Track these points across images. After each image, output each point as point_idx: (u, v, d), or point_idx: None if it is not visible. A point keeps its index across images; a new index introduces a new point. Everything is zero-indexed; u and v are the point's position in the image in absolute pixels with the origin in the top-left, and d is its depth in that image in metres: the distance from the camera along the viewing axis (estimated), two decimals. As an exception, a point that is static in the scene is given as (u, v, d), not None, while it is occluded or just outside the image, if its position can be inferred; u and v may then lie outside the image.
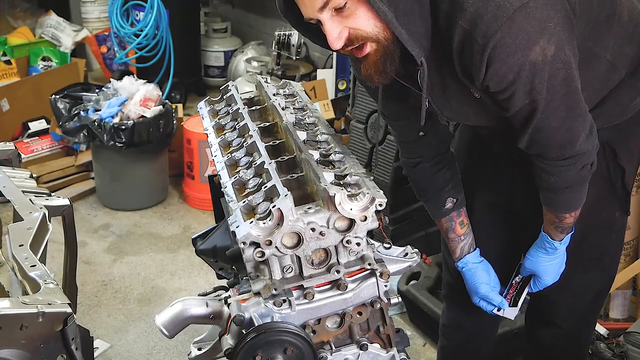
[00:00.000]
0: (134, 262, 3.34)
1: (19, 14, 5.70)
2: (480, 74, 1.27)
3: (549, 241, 1.59)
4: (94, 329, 2.78)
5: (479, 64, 1.26)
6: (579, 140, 1.39)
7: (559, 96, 1.32)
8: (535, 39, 1.23)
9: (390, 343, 1.40)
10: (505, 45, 1.22)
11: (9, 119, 4.23)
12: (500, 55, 1.23)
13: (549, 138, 1.39)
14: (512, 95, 1.31)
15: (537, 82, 1.28)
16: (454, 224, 1.71)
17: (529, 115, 1.35)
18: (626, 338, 2.39)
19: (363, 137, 3.19)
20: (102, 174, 3.83)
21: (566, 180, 1.46)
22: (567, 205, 1.52)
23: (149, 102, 3.63)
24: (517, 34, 1.22)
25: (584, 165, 1.44)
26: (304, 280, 1.30)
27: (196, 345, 1.47)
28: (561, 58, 1.27)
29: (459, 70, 1.33)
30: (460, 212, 1.72)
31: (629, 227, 2.60)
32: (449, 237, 1.74)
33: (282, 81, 1.80)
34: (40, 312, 1.12)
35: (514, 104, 1.33)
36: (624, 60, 1.50)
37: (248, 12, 5.89)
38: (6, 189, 1.63)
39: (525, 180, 1.62)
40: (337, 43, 1.25)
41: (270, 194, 1.30)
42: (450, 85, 1.41)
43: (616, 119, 1.55)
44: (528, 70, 1.26)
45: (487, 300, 1.72)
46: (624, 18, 1.46)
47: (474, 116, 1.51)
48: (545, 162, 1.44)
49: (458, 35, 1.25)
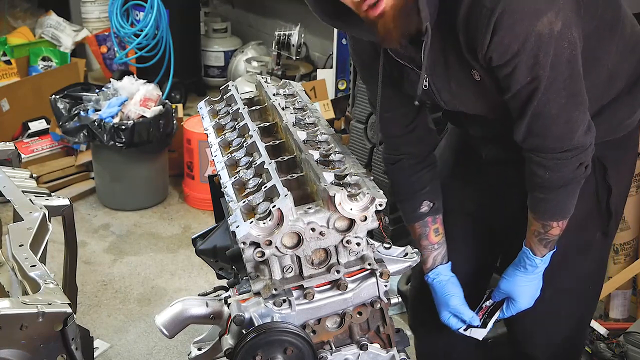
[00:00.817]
0: (134, 262, 3.34)
1: (19, 14, 5.70)
2: (485, 41, 1.26)
3: (530, 257, 1.54)
4: (94, 329, 2.78)
5: (484, 29, 1.24)
6: (577, 132, 1.37)
7: (562, 78, 1.30)
8: (544, 10, 1.22)
9: (390, 343, 1.40)
10: (513, 12, 1.22)
11: (9, 119, 4.23)
12: (507, 21, 1.22)
13: (548, 127, 1.36)
14: (515, 69, 1.29)
15: (541, 56, 1.26)
16: (428, 230, 1.66)
17: (529, 95, 1.32)
18: (626, 338, 2.39)
19: (363, 137, 3.20)
20: (102, 174, 3.83)
21: (561, 177, 1.42)
22: (557, 211, 1.47)
23: (149, 102, 3.63)
24: (525, 1, 1.22)
25: (580, 163, 1.41)
26: (304, 280, 1.30)
27: (196, 345, 1.47)
28: (567, 36, 1.26)
29: (464, 42, 1.31)
30: (436, 218, 1.67)
31: (629, 227, 2.61)
32: (421, 245, 1.67)
33: (282, 81, 1.80)
34: (40, 312, 1.12)
35: (516, 80, 1.31)
36: (623, 73, 1.49)
37: (248, 12, 5.89)
38: (6, 189, 1.63)
39: (509, 193, 1.59)
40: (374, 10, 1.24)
41: (270, 194, 1.30)
42: (452, 66, 1.39)
43: (609, 135, 1.52)
44: (533, 42, 1.24)
45: (458, 314, 1.65)
46: (626, 29, 1.46)
47: (473, 101, 1.47)
48: (542, 155, 1.40)
49: (466, 3, 1.25)
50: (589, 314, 1.81)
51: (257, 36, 5.70)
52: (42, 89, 4.29)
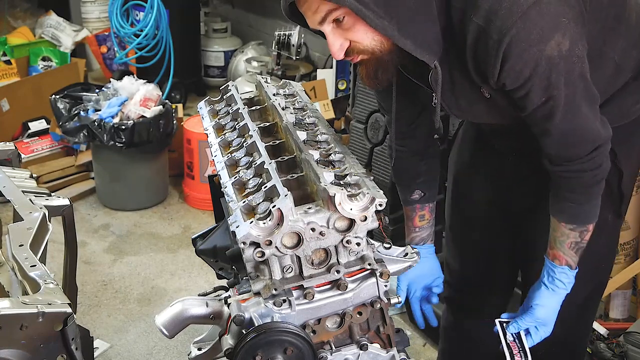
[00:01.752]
0: (134, 262, 3.34)
1: (19, 14, 5.70)
2: (496, 71, 1.27)
3: (568, 273, 1.52)
4: (94, 329, 2.78)
5: (494, 60, 1.26)
6: (598, 128, 1.38)
7: (579, 90, 1.32)
8: (550, 34, 1.23)
9: (390, 343, 1.40)
10: (521, 41, 1.23)
11: (9, 119, 4.23)
12: (516, 50, 1.23)
13: (580, 136, 1.37)
14: (529, 92, 1.30)
15: (553, 77, 1.27)
16: (415, 215, 1.76)
17: (548, 114, 1.34)
18: (626, 338, 2.39)
19: (363, 137, 3.19)
20: (102, 174, 3.83)
21: (602, 171, 1.43)
22: (594, 211, 1.48)
23: (149, 102, 3.63)
24: (531, 29, 1.22)
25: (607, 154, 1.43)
26: (304, 280, 1.30)
27: (196, 345, 1.47)
28: (576, 53, 1.27)
29: (472, 68, 1.32)
30: (425, 207, 1.76)
31: (629, 227, 2.60)
32: (406, 224, 1.79)
33: (282, 81, 1.79)
34: (40, 312, 1.12)
35: (531, 102, 1.32)
36: (630, 63, 1.50)
37: (248, 12, 5.89)
38: (6, 189, 1.62)
39: (524, 182, 1.62)
40: (338, 54, 1.32)
41: (270, 194, 1.30)
42: (459, 85, 1.41)
43: (618, 121, 1.54)
44: (544, 65, 1.25)
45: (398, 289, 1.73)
46: (632, 21, 1.47)
47: (486, 115, 1.51)
48: (581, 161, 1.41)
49: (472, 32, 1.26)
50: (600, 291, 1.82)
51: (257, 36, 5.70)
52: (42, 89, 4.29)
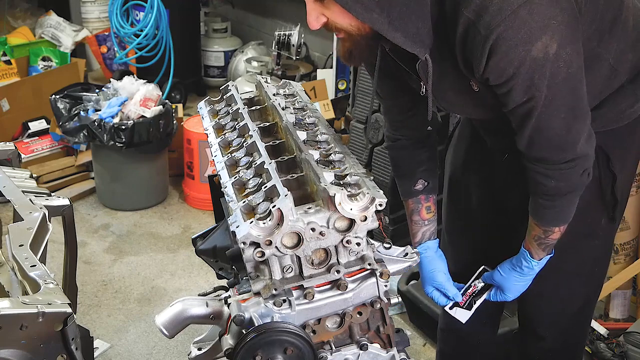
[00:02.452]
0: (134, 262, 3.34)
1: (19, 14, 5.70)
2: (481, 65, 1.27)
3: (528, 259, 1.57)
4: (94, 329, 2.78)
5: (480, 55, 1.26)
6: (579, 142, 1.38)
7: (560, 95, 1.32)
8: (538, 35, 1.23)
9: (390, 343, 1.40)
10: (507, 39, 1.23)
11: (9, 119, 4.23)
12: (502, 47, 1.23)
13: (550, 140, 1.38)
14: (511, 90, 1.31)
15: (536, 78, 1.27)
16: (421, 207, 1.72)
17: (527, 113, 1.34)
18: (626, 338, 2.39)
19: (363, 137, 3.19)
20: (102, 174, 3.83)
21: (567, 185, 1.44)
22: (560, 217, 1.50)
23: (149, 102, 3.63)
24: (519, 28, 1.22)
25: (584, 170, 1.43)
26: (304, 280, 1.30)
27: (196, 345, 1.47)
28: (563, 57, 1.27)
29: (461, 60, 1.33)
30: (429, 197, 1.72)
31: (629, 227, 2.60)
32: (412, 220, 1.74)
33: (282, 81, 1.79)
34: (40, 312, 1.12)
35: (512, 99, 1.33)
36: (626, 66, 1.49)
37: (248, 12, 5.89)
38: (6, 189, 1.62)
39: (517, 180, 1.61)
40: (312, 25, 1.32)
41: (270, 194, 1.30)
42: (449, 76, 1.41)
43: (612, 124, 1.54)
44: (528, 66, 1.26)
45: (442, 290, 1.70)
46: (628, 24, 1.46)
47: (472, 108, 1.51)
48: (547, 166, 1.42)
49: (462, 25, 1.26)
50: (595, 294, 1.84)
51: (257, 36, 5.70)
52: (42, 89, 4.29)
